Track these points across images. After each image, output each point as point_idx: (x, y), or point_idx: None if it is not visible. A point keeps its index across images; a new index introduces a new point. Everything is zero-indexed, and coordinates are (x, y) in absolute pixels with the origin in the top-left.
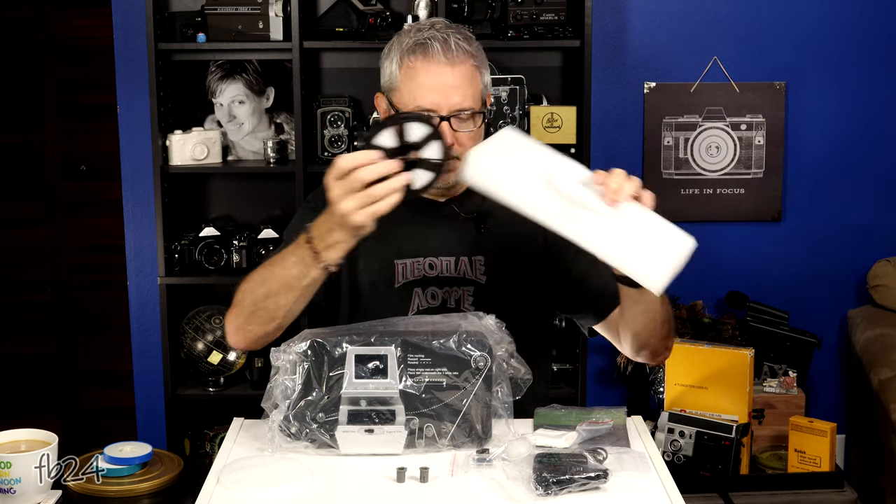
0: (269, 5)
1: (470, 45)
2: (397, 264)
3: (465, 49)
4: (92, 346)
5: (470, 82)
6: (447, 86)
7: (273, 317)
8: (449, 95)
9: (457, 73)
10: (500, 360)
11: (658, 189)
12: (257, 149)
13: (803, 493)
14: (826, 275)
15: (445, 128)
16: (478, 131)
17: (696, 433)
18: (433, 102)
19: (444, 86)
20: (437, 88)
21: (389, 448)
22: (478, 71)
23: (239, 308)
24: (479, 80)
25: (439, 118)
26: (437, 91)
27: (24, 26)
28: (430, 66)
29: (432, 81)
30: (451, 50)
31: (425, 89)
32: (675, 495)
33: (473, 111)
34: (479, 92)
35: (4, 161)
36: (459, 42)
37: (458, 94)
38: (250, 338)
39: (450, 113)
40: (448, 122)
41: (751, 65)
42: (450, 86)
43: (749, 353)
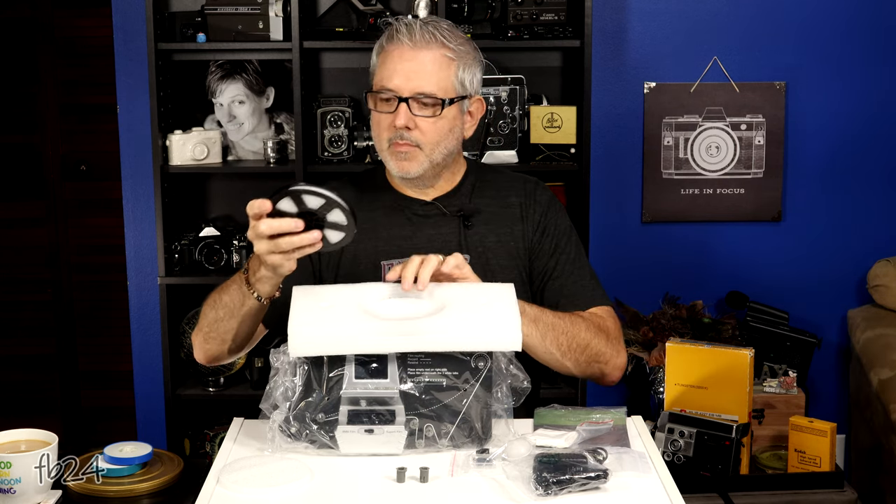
0: (269, 5)
1: (448, 36)
2: (383, 265)
3: (437, 37)
4: (92, 346)
5: (437, 69)
6: (409, 68)
7: (224, 339)
8: (410, 78)
9: (421, 57)
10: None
11: (658, 189)
12: (257, 149)
13: (803, 493)
14: (826, 275)
15: (403, 109)
16: (440, 121)
17: (696, 433)
18: (395, 84)
19: (406, 68)
20: (400, 70)
21: (389, 448)
22: (451, 62)
23: (199, 326)
24: (452, 70)
25: (398, 99)
26: (399, 73)
27: (24, 26)
28: (396, 49)
29: (397, 63)
30: (417, 34)
31: (390, 71)
32: (675, 495)
33: (435, 98)
34: (448, 82)
35: (4, 161)
36: (434, 31)
37: (422, 78)
38: (209, 356)
39: (410, 95)
40: (406, 104)
41: (751, 65)
42: (412, 68)
43: (749, 353)
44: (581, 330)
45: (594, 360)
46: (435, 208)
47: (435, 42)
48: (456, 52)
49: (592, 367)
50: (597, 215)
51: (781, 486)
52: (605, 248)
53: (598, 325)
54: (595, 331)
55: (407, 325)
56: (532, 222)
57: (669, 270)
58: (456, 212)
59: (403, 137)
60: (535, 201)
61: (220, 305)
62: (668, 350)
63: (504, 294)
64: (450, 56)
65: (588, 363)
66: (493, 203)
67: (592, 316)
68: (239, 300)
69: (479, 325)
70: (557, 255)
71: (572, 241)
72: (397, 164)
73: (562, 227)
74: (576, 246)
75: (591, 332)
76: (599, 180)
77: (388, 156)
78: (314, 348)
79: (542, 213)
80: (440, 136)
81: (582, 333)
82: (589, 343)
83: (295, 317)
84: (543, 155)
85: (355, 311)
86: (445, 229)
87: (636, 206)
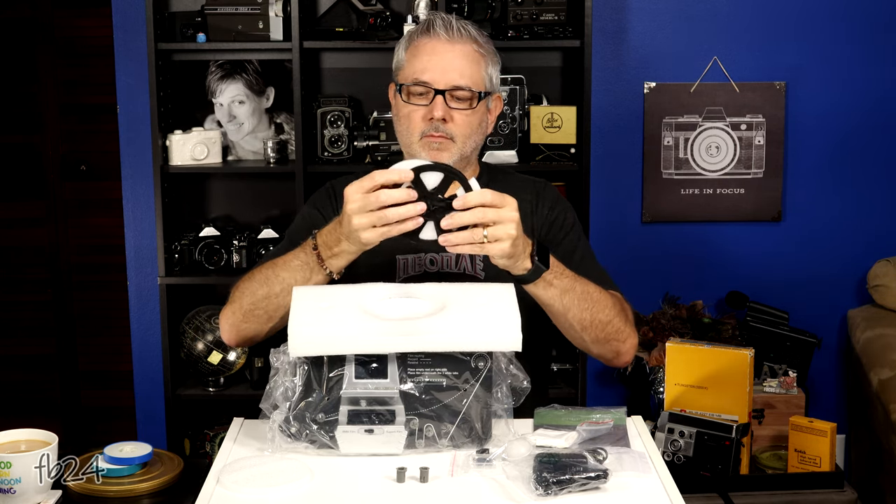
0: (269, 5)
1: (478, 34)
2: (399, 259)
3: (468, 32)
4: (92, 346)
5: (470, 62)
6: (445, 61)
7: (271, 316)
8: (446, 71)
9: (457, 51)
10: (499, 365)
11: (658, 189)
12: (257, 149)
13: (803, 493)
14: (826, 275)
15: (440, 101)
16: (473, 115)
17: (696, 433)
18: (431, 77)
19: (442, 61)
20: (435, 63)
21: (389, 448)
22: (482, 57)
23: (237, 305)
24: (483, 65)
25: (434, 91)
26: (434, 66)
27: (24, 26)
28: (430, 42)
29: (431, 56)
30: (453, 28)
31: (424, 63)
32: (675, 495)
33: (471, 91)
34: (480, 76)
35: (4, 161)
36: (465, 25)
37: (456, 72)
38: (244, 335)
39: (446, 87)
40: (443, 97)
41: (751, 65)
42: (448, 62)
43: (749, 353)
44: (608, 305)
45: (613, 338)
46: None
47: (469, 37)
48: (485, 49)
49: (610, 345)
50: (597, 215)
51: (781, 486)
52: (605, 248)
53: (621, 304)
54: (619, 308)
55: (407, 325)
56: (540, 216)
57: (669, 270)
58: None
59: (438, 129)
60: (544, 198)
61: (277, 281)
62: (668, 350)
63: (504, 294)
64: (480, 52)
65: (606, 340)
66: None
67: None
68: (303, 276)
69: (479, 325)
70: (566, 245)
71: (581, 234)
72: (431, 154)
73: (570, 220)
74: (586, 242)
75: (616, 308)
76: (599, 180)
77: (420, 147)
78: (314, 348)
79: (550, 208)
80: (472, 129)
81: (607, 309)
82: (611, 319)
83: (295, 317)
84: (543, 155)
85: (355, 311)
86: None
87: (636, 206)
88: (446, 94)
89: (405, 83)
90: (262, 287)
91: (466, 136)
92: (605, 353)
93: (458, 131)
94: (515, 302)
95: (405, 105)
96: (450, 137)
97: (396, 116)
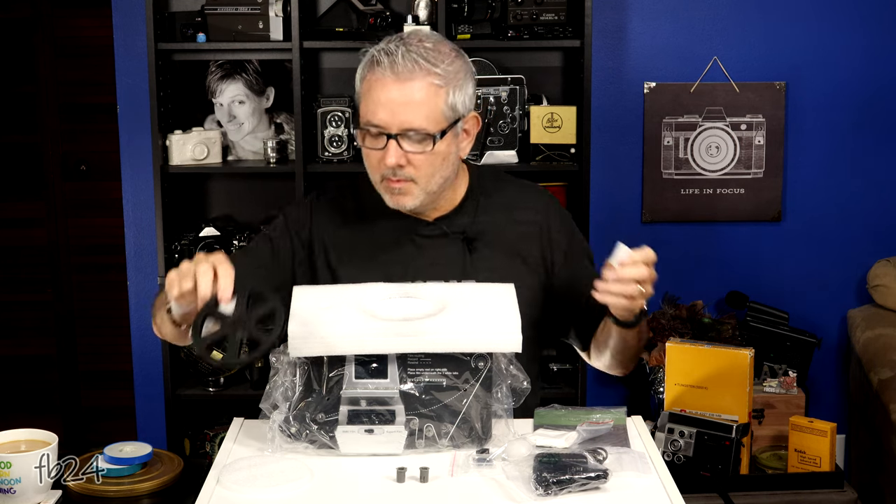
0: (269, 5)
1: (433, 59)
2: None
3: (422, 65)
4: (92, 346)
5: (425, 100)
6: (394, 102)
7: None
8: (396, 113)
9: (407, 90)
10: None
11: (658, 189)
12: (257, 149)
13: (803, 493)
14: (826, 275)
15: (393, 147)
16: (433, 154)
17: (696, 433)
18: (381, 119)
19: (391, 102)
20: (385, 105)
21: (389, 448)
22: (439, 89)
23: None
24: (443, 98)
25: (386, 136)
26: (385, 108)
27: (24, 26)
28: (379, 80)
29: (381, 96)
30: (399, 65)
31: (374, 104)
32: (675, 495)
33: (426, 132)
34: (437, 112)
35: (4, 161)
36: (417, 58)
37: (408, 112)
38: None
39: (399, 131)
40: (396, 141)
41: (751, 65)
42: (397, 103)
43: (749, 353)
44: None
45: (632, 362)
46: (438, 228)
47: (420, 70)
48: (444, 77)
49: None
50: (597, 215)
51: (781, 486)
52: (605, 248)
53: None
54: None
55: (407, 325)
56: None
57: (669, 270)
58: (459, 233)
59: (396, 174)
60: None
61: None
62: (668, 350)
63: (504, 294)
64: (437, 83)
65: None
66: (501, 220)
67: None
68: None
69: (479, 325)
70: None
71: (588, 249)
72: (392, 198)
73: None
74: (590, 253)
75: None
76: (599, 180)
77: (383, 190)
78: (314, 348)
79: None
80: (434, 168)
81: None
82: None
83: (295, 317)
84: (543, 155)
85: (355, 311)
86: (450, 250)
87: (636, 206)
88: (398, 137)
89: (360, 123)
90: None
91: (430, 176)
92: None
93: (420, 173)
94: (515, 302)
95: (363, 146)
96: (410, 180)
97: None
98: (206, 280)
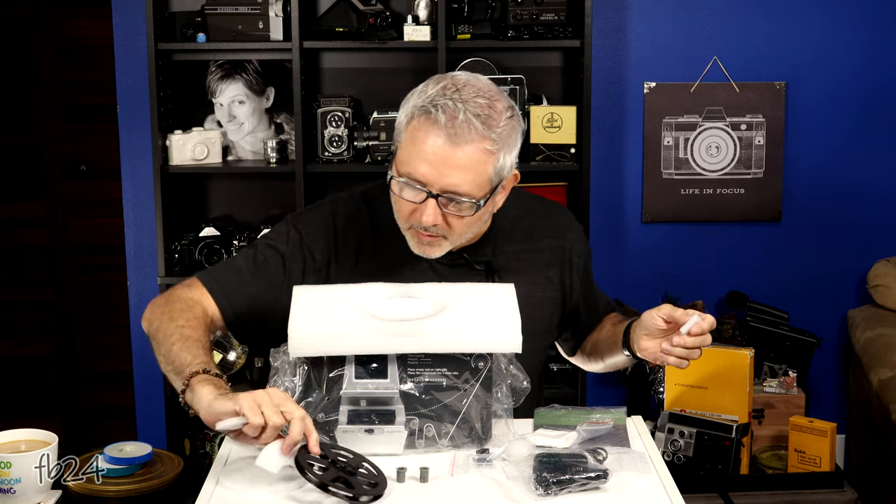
0: (269, 5)
1: (491, 122)
2: None
3: (477, 129)
4: (92, 346)
5: (474, 166)
6: (442, 163)
7: None
8: (443, 175)
9: (457, 154)
10: (499, 365)
11: (658, 189)
12: (257, 149)
13: (803, 493)
14: (826, 275)
15: (431, 206)
16: (471, 219)
17: (696, 433)
18: (424, 176)
19: (438, 162)
20: (431, 163)
21: (389, 448)
22: (490, 155)
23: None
24: (491, 163)
25: (427, 194)
26: (431, 166)
27: (24, 26)
28: (430, 136)
29: (427, 153)
30: (457, 126)
31: (420, 160)
32: (675, 495)
33: (470, 199)
34: (485, 178)
35: (4, 161)
36: (473, 119)
37: (456, 177)
38: None
39: (440, 192)
40: (436, 201)
41: (751, 65)
42: (446, 165)
43: (749, 353)
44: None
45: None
46: (460, 258)
47: (475, 134)
48: (497, 141)
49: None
50: (597, 215)
51: (781, 486)
52: (605, 248)
53: None
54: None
55: (407, 325)
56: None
57: (669, 270)
58: (484, 263)
59: (428, 230)
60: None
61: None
62: None
63: (504, 295)
64: (490, 149)
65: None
66: (523, 249)
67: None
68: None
69: (479, 326)
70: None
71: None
72: (419, 248)
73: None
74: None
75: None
76: (599, 180)
77: (409, 236)
78: (314, 348)
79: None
80: (469, 228)
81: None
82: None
83: (295, 317)
84: (543, 155)
85: (355, 311)
86: (473, 279)
87: (636, 206)
88: (440, 197)
89: (398, 173)
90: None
91: (462, 234)
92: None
93: (454, 232)
94: (515, 303)
95: (396, 195)
96: (442, 236)
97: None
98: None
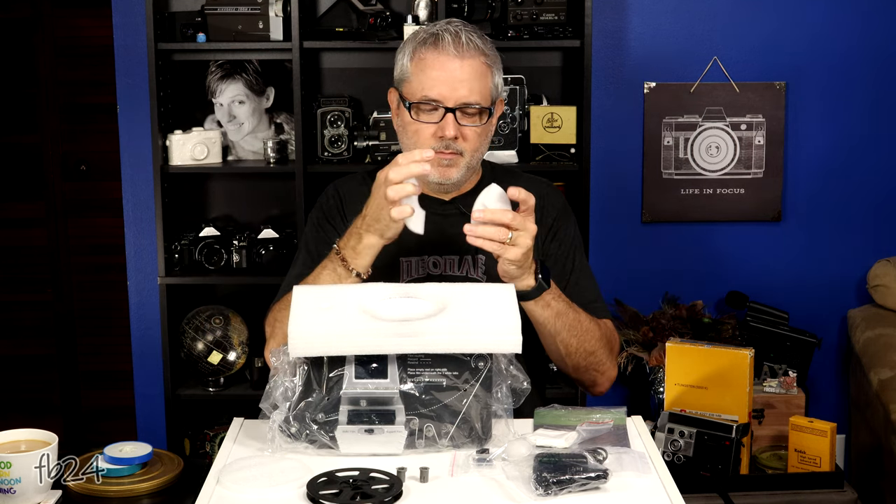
0: (269, 5)
1: (483, 43)
2: (402, 262)
3: (476, 45)
4: (92, 346)
5: (479, 78)
6: (454, 78)
7: None
8: (456, 88)
9: (465, 67)
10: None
11: (658, 189)
12: (257, 149)
13: (803, 493)
14: (826, 275)
15: (450, 119)
16: (483, 129)
17: (696, 433)
18: (440, 93)
19: (451, 78)
20: (444, 80)
21: (389, 448)
22: (489, 69)
23: (277, 339)
24: (490, 78)
25: (444, 109)
26: (444, 82)
27: (24, 26)
28: (439, 57)
29: (440, 73)
30: (462, 43)
31: (433, 80)
32: (675, 495)
33: (480, 107)
34: (487, 89)
35: (4, 161)
36: (472, 37)
37: (465, 88)
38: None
39: (455, 105)
40: (453, 114)
41: (751, 65)
42: (457, 78)
43: (749, 353)
44: (595, 337)
45: (594, 368)
46: (454, 208)
47: (477, 49)
48: (492, 57)
49: (589, 374)
50: (597, 215)
51: (781, 486)
52: (605, 248)
53: (608, 336)
54: (605, 341)
55: (407, 326)
56: (544, 226)
57: (669, 270)
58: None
59: (449, 147)
60: (550, 204)
61: None
62: (668, 350)
63: (504, 295)
64: (488, 63)
65: (587, 369)
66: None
67: (604, 325)
68: (333, 283)
69: (479, 326)
70: (564, 261)
71: (580, 250)
72: (440, 171)
73: (571, 234)
74: (582, 256)
75: (602, 341)
76: (599, 180)
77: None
78: (314, 348)
79: (555, 218)
80: (481, 142)
81: (594, 340)
82: (595, 350)
83: (295, 317)
84: (543, 155)
85: (355, 311)
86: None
87: (636, 206)
88: (456, 111)
89: (412, 100)
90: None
91: (475, 150)
92: (584, 380)
93: (468, 146)
94: (516, 303)
95: (413, 122)
96: (459, 153)
97: (402, 128)
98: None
